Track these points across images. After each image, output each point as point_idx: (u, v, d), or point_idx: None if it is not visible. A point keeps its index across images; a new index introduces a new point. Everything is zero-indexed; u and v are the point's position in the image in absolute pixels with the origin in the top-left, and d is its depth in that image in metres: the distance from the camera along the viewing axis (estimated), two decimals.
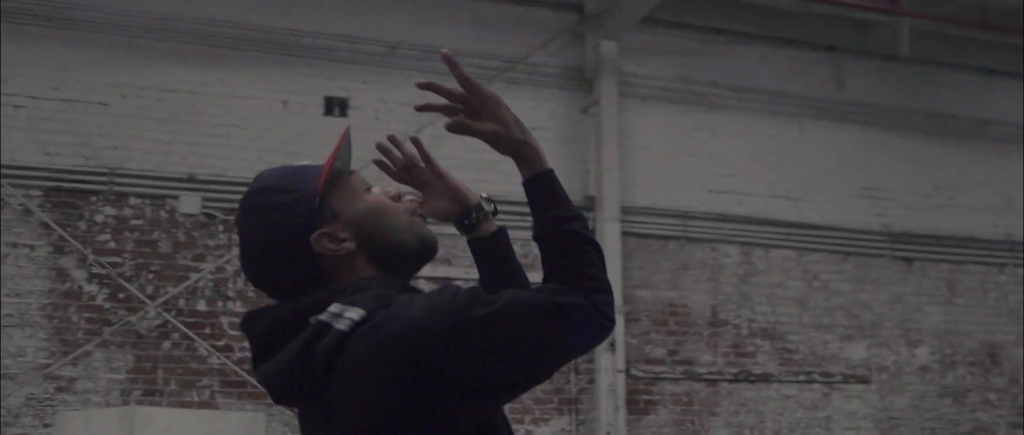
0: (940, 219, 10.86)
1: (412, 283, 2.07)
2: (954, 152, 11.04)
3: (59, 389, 8.10)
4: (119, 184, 8.42)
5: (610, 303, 1.91)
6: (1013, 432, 10.85)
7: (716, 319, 9.78)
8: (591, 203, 9.39)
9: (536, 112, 9.28)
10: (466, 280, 7.76)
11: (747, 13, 10.32)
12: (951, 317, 10.77)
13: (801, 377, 9.93)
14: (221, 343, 8.41)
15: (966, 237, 10.92)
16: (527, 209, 2.01)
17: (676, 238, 9.74)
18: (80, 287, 8.26)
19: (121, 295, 8.28)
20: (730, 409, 9.64)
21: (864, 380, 10.19)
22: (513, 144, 2.01)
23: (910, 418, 10.36)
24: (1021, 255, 11.14)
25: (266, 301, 2.05)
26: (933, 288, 10.74)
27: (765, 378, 9.79)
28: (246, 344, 8.29)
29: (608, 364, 9.02)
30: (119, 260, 8.34)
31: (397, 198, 2.08)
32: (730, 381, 9.66)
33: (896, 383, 10.34)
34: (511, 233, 2.23)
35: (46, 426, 7.98)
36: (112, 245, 8.34)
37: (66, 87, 8.42)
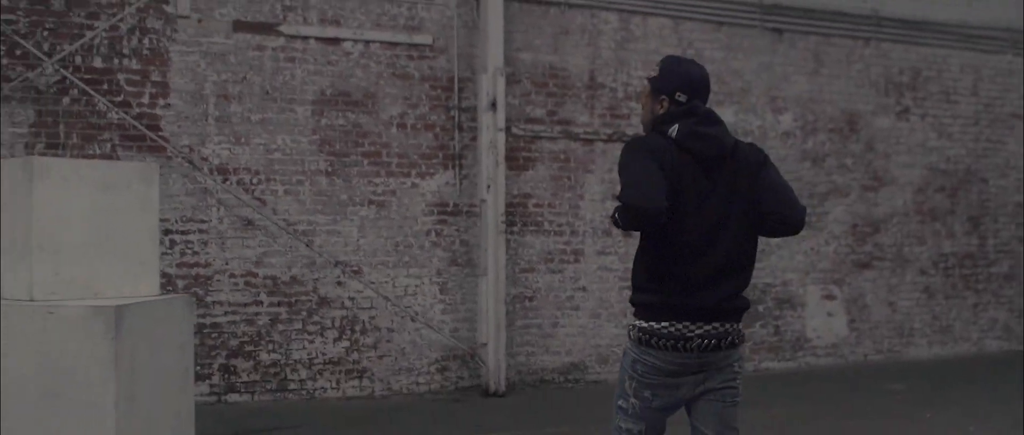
0: None
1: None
2: None
3: None
4: None
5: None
6: (864, 193, 11.77)
7: (594, 82, 10.34)
8: None
9: None
10: None
11: None
12: (815, 87, 11.47)
13: None
14: (119, 99, 8.76)
15: (834, 11, 11.53)
16: None
17: (557, 3, 10.16)
18: None
19: (18, 51, 8.52)
20: (604, 167, 10.28)
21: None
22: None
23: None
24: (885, 30, 11.81)
25: None
26: (800, 59, 11.39)
27: None
28: (144, 100, 8.63)
29: (490, 122, 9.55)
30: (13, 17, 8.55)
31: None
32: (605, 141, 10.28)
33: (760, 146, 11.03)
34: None
35: None
36: (5, 2, 8.52)
37: None
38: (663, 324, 3.74)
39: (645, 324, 3.79)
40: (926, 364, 11.65)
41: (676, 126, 3.80)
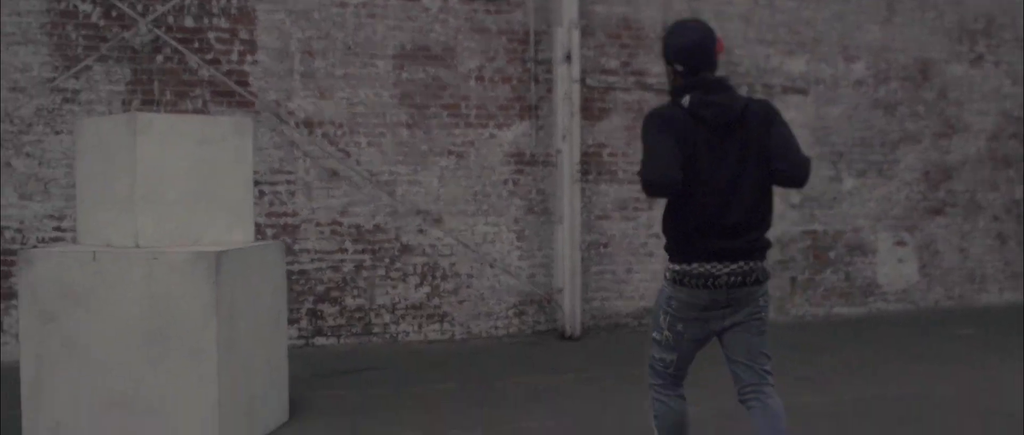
0: None
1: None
2: None
3: (65, 100, 8.86)
4: None
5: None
6: (937, 141, 11.80)
7: None
8: None
9: None
10: None
11: None
12: (888, 35, 11.49)
13: (743, 88, 10.69)
14: (210, 56, 9.16)
15: None
16: None
17: None
18: (75, 6, 8.89)
19: (114, 13, 8.94)
20: None
21: (802, 91, 11.00)
22: None
23: (843, 127, 11.26)
24: None
25: None
26: (872, 7, 11.41)
27: None
28: (233, 57, 8.98)
29: (565, 74, 9.79)
30: None
31: None
32: None
33: (832, 95, 11.16)
34: None
35: (57, 133, 8.84)
36: None
37: None
38: (693, 265, 4.12)
39: (677, 266, 4.19)
40: (998, 310, 11.72)
41: (688, 96, 4.12)
